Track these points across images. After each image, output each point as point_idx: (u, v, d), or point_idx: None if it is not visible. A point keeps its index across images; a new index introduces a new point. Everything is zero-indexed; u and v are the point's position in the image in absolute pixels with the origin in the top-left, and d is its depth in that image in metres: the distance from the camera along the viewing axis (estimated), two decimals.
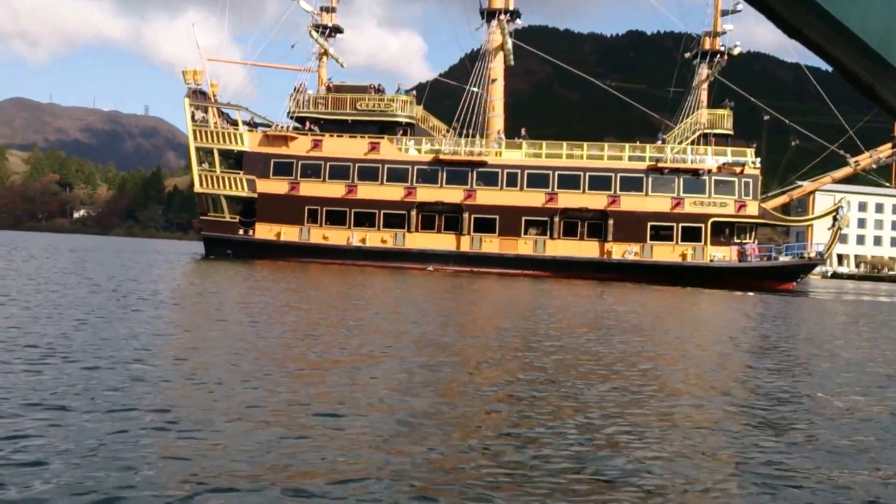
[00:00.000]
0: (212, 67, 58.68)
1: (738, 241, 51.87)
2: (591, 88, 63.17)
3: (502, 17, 55.01)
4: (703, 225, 50.97)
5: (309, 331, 15.86)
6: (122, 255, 54.16)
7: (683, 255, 51.15)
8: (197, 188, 56.45)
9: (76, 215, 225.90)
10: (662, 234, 51.59)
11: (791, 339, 20.19)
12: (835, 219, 52.64)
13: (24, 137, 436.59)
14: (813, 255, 52.53)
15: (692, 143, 53.21)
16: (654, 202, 51.46)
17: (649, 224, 51.38)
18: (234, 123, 56.74)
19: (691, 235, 51.18)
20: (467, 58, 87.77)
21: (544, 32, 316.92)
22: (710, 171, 51.04)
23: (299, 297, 25.37)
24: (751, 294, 42.81)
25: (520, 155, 53.41)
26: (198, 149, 55.91)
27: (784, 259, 52.06)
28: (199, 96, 56.79)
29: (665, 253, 51.34)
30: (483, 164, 52.82)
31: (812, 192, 54.97)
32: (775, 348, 17.41)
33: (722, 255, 51.22)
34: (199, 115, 56.96)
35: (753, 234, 52.89)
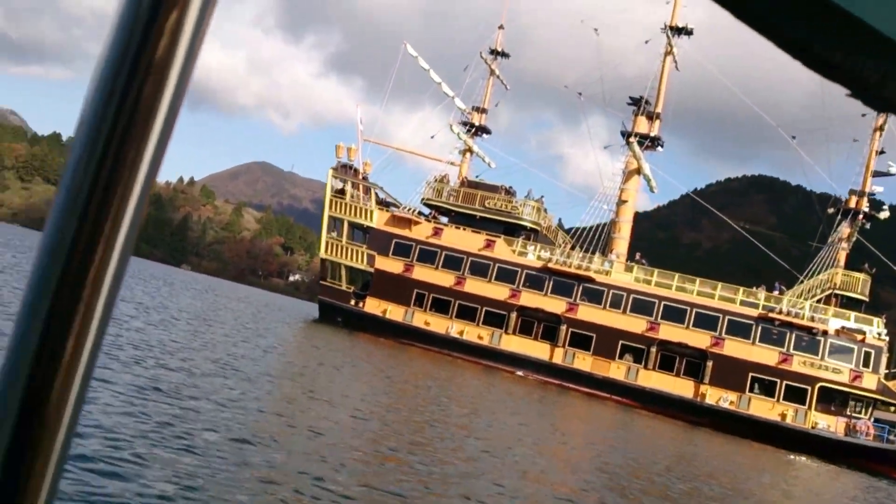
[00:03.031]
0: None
1: (850, 413, 47.67)
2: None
3: (632, 139, 55.40)
4: (809, 387, 47.47)
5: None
6: (275, 312, 58.49)
7: (783, 415, 47.69)
8: (322, 254, 60.25)
9: (291, 279, 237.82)
10: (764, 388, 48.56)
11: None
12: None
13: (262, 199, 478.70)
14: None
15: (819, 301, 50.19)
16: (759, 352, 48.73)
17: (751, 374, 48.60)
18: (381, 202, 60.41)
19: (795, 396, 47.78)
20: (689, 195, 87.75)
21: (774, 184, 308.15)
22: (825, 332, 47.75)
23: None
24: (857, 474, 39.15)
25: (629, 278, 52.75)
26: (330, 217, 59.90)
27: None
28: (346, 170, 61.06)
29: (763, 408, 48.14)
30: (590, 280, 52.61)
31: None
32: None
33: (827, 424, 47.22)
34: (349, 189, 61.01)
35: (871, 409, 48.41)
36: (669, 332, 50.46)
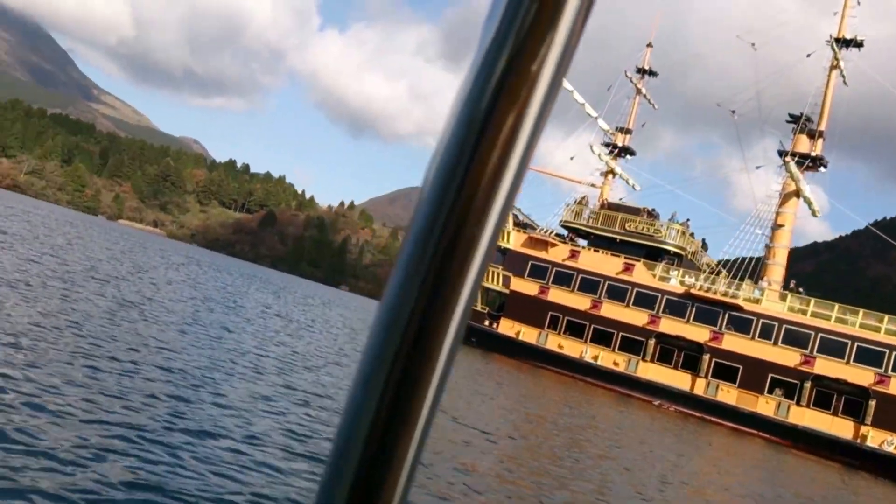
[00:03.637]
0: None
1: None
2: None
3: (788, 158, 51.34)
4: None
5: None
6: None
7: None
8: None
9: None
10: None
11: None
12: None
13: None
14: None
15: None
16: None
17: None
18: (518, 224, 59.32)
19: None
20: (873, 226, 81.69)
21: None
22: None
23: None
24: None
25: (781, 307, 48.72)
26: None
27: None
28: None
29: None
30: (737, 308, 49.07)
31: None
32: None
33: None
34: None
35: None
36: (826, 366, 46.09)
